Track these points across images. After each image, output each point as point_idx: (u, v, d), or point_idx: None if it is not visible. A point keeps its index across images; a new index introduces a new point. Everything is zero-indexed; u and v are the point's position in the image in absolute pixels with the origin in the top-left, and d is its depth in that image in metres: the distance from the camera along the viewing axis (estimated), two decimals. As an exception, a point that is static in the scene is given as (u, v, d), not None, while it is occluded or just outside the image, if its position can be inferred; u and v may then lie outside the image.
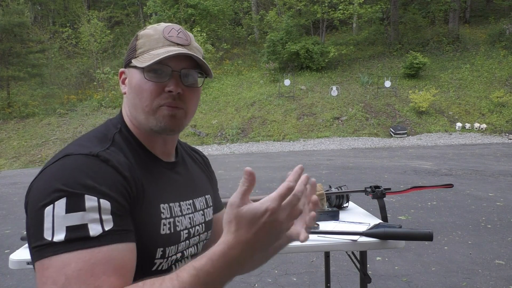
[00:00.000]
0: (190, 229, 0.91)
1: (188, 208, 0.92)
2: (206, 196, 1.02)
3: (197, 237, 0.95)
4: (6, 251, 4.29)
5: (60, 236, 0.67)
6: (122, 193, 0.75)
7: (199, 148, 14.89)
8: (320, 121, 16.39)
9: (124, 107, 0.91)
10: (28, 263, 1.30)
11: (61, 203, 0.69)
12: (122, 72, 0.90)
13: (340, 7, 21.08)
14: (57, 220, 0.68)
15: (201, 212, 0.97)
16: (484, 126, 15.33)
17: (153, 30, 0.86)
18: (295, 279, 3.31)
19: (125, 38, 26.46)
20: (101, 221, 0.70)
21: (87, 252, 0.68)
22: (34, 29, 24.83)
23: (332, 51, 20.17)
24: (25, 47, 21.85)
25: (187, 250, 0.91)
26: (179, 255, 0.88)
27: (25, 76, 20.60)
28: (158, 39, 0.85)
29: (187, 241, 0.90)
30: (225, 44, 23.86)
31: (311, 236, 1.50)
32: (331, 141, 14.84)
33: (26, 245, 1.40)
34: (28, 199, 0.74)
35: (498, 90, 16.93)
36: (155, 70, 0.82)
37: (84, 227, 0.68)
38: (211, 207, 1.04)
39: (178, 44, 0.85)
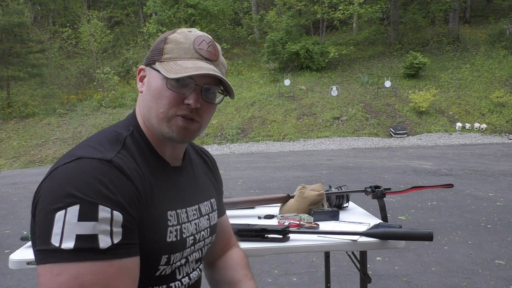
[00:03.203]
0: (196, 235, 0.91)
1: (194, 214, 0.92)
2: (211, 200, 1.02)
3: (202, 242, 0.95)
4: (6, 251, 4.29)
5: (69, 244, 0.66)
6: (134, 202, 0.75)
7: (199, 148, 14.89)
8: (320, 121, 16.38)
9: (139, 105, 0.89)
10: (28, 263, 1.29)
11: (73, 210, 0.67)
12: (142, 69, 0.88)
13: (340, 7, 21.06)
14: (67, 227, 0.66)
15: (206, 216, 0.97)
16: (484, 126, 15.32)
17: (183, 37, 0.84)
18: (295, 279, 3.31)
19: (125, 38, 26.46)
20: (111, 233, 0.69)
21: (99, 264, 0.67)
22: (34, 29, 24.81)
23: (332, 51, 20.15)
24: (25, 47, 21.83)
25: (191, 255, 0.91)
26: (183, 260, 0.88)
27: (25, 76, 20.57)
28: (187, 50, 0.83)
29: (192, 247, 0.90)
30: (225, 44, 23.84)
31: (311, 236, 1.50)
32: (331, 141, 14.84)
33: (26, 245, 1.40)
34: (37, 199, 0.72)
35: (498, 90, 16.93)
36: (178, 80, 0.81)
37: (94, 237, 0.67)
38: (216, 211, 1.03)
39: (206, 59, 0.84)
